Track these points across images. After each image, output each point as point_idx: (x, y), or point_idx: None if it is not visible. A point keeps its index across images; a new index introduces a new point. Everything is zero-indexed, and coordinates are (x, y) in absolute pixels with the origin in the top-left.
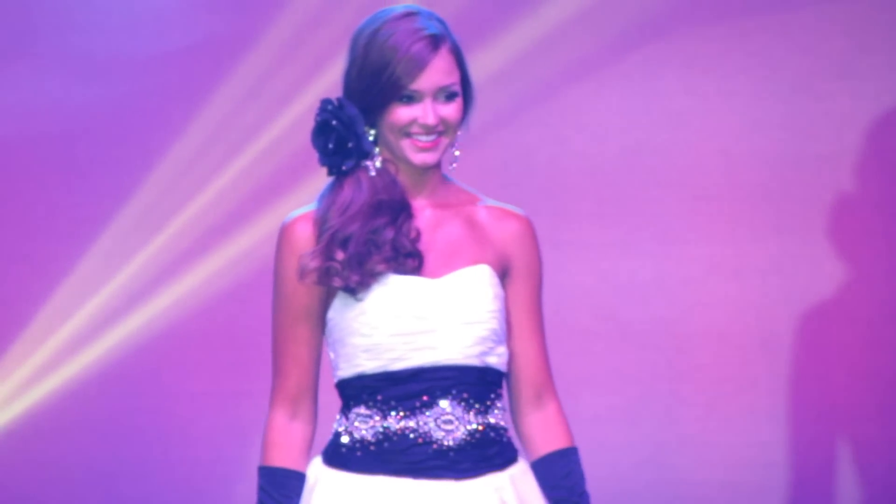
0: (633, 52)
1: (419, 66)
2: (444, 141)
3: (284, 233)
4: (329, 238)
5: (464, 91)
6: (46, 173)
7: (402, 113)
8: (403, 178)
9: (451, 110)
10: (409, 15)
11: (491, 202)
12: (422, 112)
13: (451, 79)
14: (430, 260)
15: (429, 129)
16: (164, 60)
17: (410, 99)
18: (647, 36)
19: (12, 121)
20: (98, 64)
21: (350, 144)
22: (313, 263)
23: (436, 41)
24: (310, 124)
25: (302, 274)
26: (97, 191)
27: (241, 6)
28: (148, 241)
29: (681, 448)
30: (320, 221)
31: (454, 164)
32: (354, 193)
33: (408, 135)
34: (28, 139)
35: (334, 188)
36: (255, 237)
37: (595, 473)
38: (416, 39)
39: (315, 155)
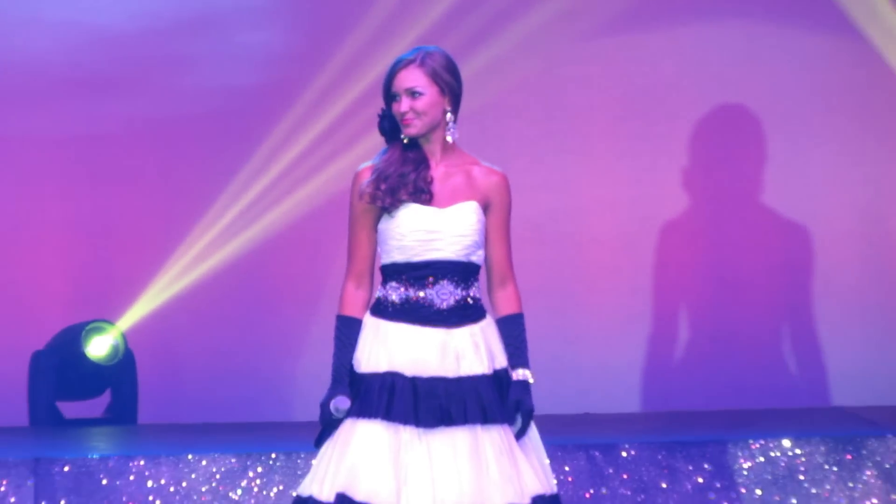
0: None
1: (391, 77)
2: (419, 122)
3: (357, 175)
4: (376, 177)
5: (442, 91)
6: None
7: (394, 107)
8: (425, 147)
9: (418, 103)
10: (408, 52)
11: (483, 163)
12: (398, 105)
13: (414, 84)
14: (439, 196)
15: (403, 115)
16: (280, 59)
17: (394, 97)
18: None
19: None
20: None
21: (389, 127)
22: (367, 190)
23: (406, 62)
24: (374, 110)
25: (361, 196)
26: (233, 153)
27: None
28: (265, 179)
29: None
30: (376, 168)
31: (450, 138)
32: (393, 153)
33: (399, 119)
34: (188, 119)
35: (385, 151)
36: (343, 178)
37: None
38: (394, 64)
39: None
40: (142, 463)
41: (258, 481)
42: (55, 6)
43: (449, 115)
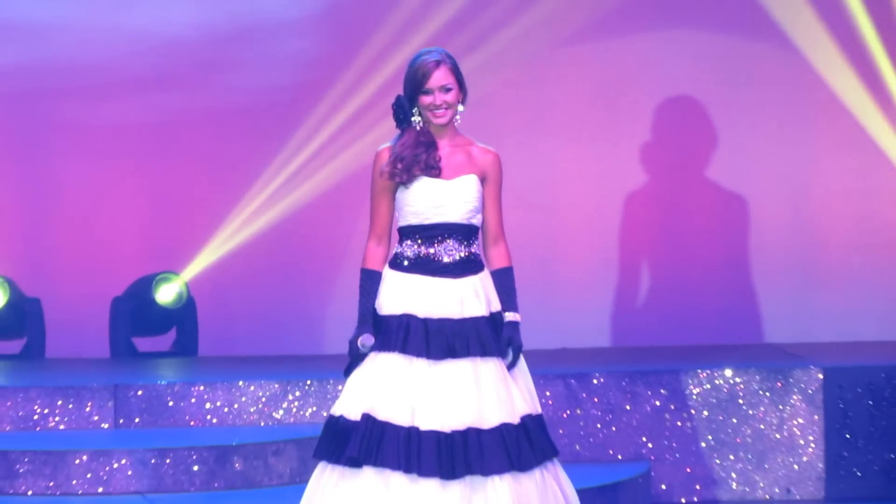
0: None
1: (428, 75)
2: (449, 112)
3: (378, 155)
4: (394, 157)
5: (459, 87)
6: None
7: (425, 99)
8: (433, 131)
9: (448, 97)
10: (427, 53)
11: (480, 144)
12: (433, 99)
13: (447, 81)
14: (445, 171)
15: (437, 107)
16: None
17: (428, 92)
18: None
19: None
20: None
21: (402, 115)
22: (387, 168)
23: (437, 63)
24: (389, 101)
25: (381, 173)
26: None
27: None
28: (300, 157)
29: None
30: (393, 149)
31: (456, 124)
32: (407, 137)
33: (430, 110)
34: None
35: (400, 135)
36: (364, 156)
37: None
38: (425, 64)
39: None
40: (201, 388)
41: (296, 403)
42: (133, 17)
43: (461, 106)
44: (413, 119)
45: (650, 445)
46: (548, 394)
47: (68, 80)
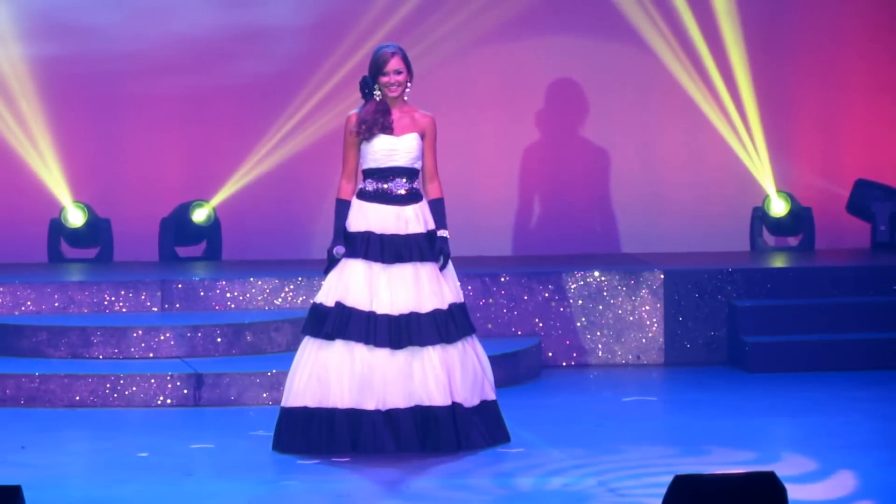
0: None
1: (386, 62)
2: (399, 88)
3: (348, 118)
4: (360, 120)
5: (408, 71)
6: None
7: (382, 79)
8: (389, 102)
9: (400, 78)
10: (386, 46)
11: (421, 111)
12: (388, 79)
13: (399, 66)
14: (396, 130)
15: (391, 84)
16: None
17: (385, 74)
18: None
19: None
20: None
21: (367, 90)
22: (354, 129)
23: (392, 53)
24: (357, 80)
25: (350, 132)
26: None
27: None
28: (301, 113)
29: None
30: (359, 115)
31: (406, 98)
32: (370, 106)
33: (387, 87)
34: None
35: (364, 104)
36: (339, 119)
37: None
38: (384, 53)
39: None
40: (223, 283)
41: (291, 294)
42: (174, 21)
43: (408, 85)
44: (375, 93)
45: (541, 325)
46: (469, 288)
47: (129, 64)
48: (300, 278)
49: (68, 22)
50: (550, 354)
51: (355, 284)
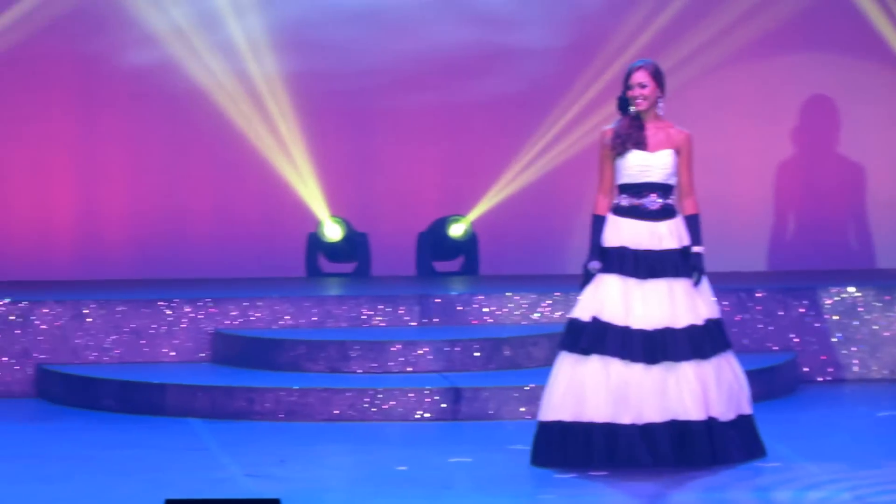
0: None
1: (630, 75)
2: (645, 102)
3: (603, 133)
4: (614, 135)
5: (657, 85)
6: None
7: (629, 93)
8: (644, 117)
9: (644, 91)
10: (636, 61)
11: (677, 127)
12: (632, 92)
13: (643, 80)
14: (650, 146)
15: (634, 98)
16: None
17: (630, 87)
18: None
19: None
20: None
21: (622, 106)
22: (609, 143)
23: (637, 68)
24: (614, 96)
25: (605, 146)
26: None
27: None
28: (559, 126)
29: None
30: (614, 130)
31: (659, 112)
32: (624, 121)
33: (632, 100)
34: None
35: (620, 119)
36: (595, 134)
37: None
38: (632, 67)
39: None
40: (481, 297)
41: (548, 309)
42: (417, 41)
43: (660, 99)
44: (630, 108)
45: (796, 340)
46: (725, 303)
47: (383, 80)
48: (557, 293)
49: (320, 38)
50: (806, 370)
51: (610, 299)
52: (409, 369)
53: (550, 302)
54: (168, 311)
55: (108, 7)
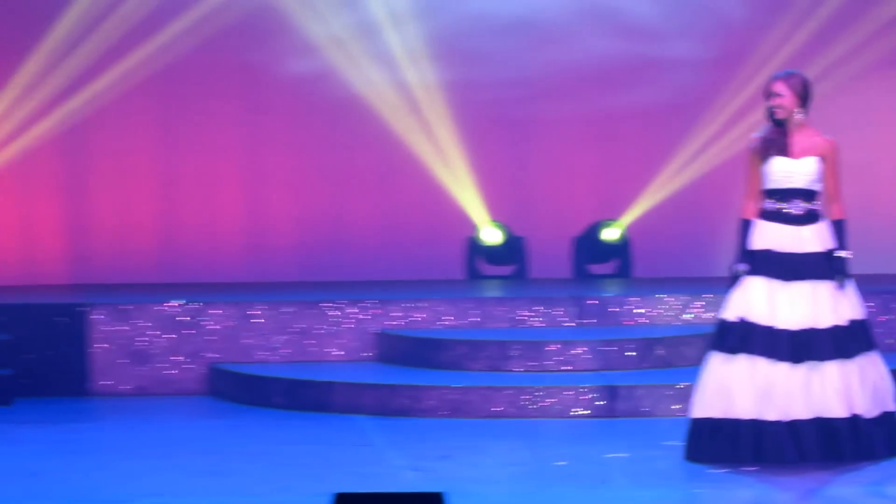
0: None
1: (768, 87)
2: (781, 112)
3: (750, 141)
4: (760, 143)
5: (795, 95)
6: None
7: (767, 103)
8: (789, 126)
9: (779, 101)
10: (776, 73)
11: (822, 135)
12: (769, 101)
13: (777, 90)
14: (794, 153)
15: (771, 107)
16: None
17: (767, 97)
18: None
19: None
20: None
21: (769, 116)
22: (755, 149)
23: (775, 79)
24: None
25: (752, 153)
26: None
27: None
28: (705, 135)
29: None
30: (760, 137)
31: (800, 118)
32: (770, 130)
33: (770, 110)
34: None
35: (766, 128)
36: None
37: None
38: (770, 78)
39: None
40: (635, 299)
41: (699, 310)
42: (571, 53)
43: (798, 109)
44: (773, 117)
45: None
46: (870, 304)
47: (538, 90)
48: (708, 295)
49: (476, 48)
50: None
51: (757, 301)
52: (566, 368)
53: (702, 303)
54: (334, 313)
55: (271, 18)
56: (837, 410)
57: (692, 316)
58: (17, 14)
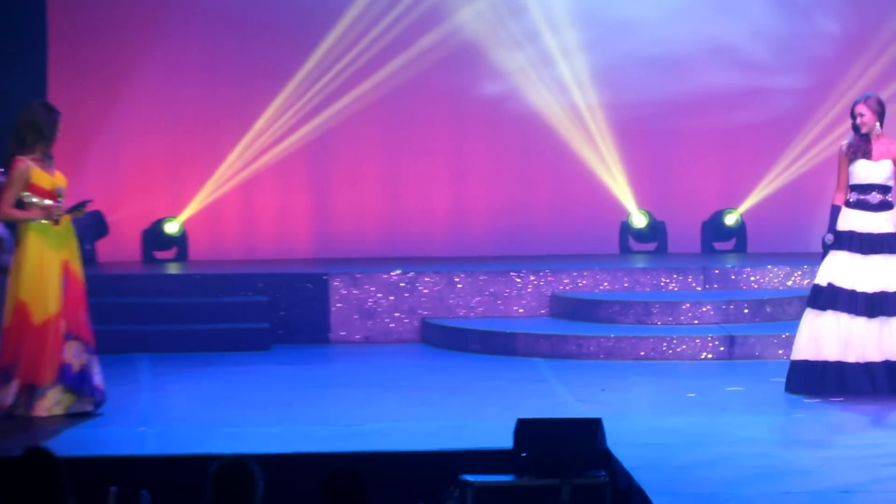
0: None
1: (854, 107)
2: (864, 127)
3: (841, 146)
4: (847, 147)
5: (873, 114)
6: None
7: (854, 120)
8: (870, 136)
9: (863, 119)
10: (859, 97)
11: (895, 143)
12: (855, 119)
13: (860, 111)
14: (874, 156)
15: (857, 124)
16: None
17: (854, 116)
18: None
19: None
20: None
21: (856, 128)
22: (844, 153)
23: (858, 101)
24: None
25: (842, 155)
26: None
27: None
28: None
29: None
30: (849, 143)
31: (879, 132)
32: (856, 138)
33: (856, 125)
34: None
35: (853, 136)
36: (830, 148)
37: None
38: (855, 101)
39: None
40: (749, 269)
41: (798, 278)
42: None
43: (877, 123)
44: (860, 132)
45: None
46: None
47: (672, 106)
48: (805, 266)
49: (626, 77)
50: None
51: (841, 269)
52: (695, 322)
53: (800, 273)
54: (518, 279)
55: (471, 50)
56: None
57: (792, 282)
58: (278, 44)
